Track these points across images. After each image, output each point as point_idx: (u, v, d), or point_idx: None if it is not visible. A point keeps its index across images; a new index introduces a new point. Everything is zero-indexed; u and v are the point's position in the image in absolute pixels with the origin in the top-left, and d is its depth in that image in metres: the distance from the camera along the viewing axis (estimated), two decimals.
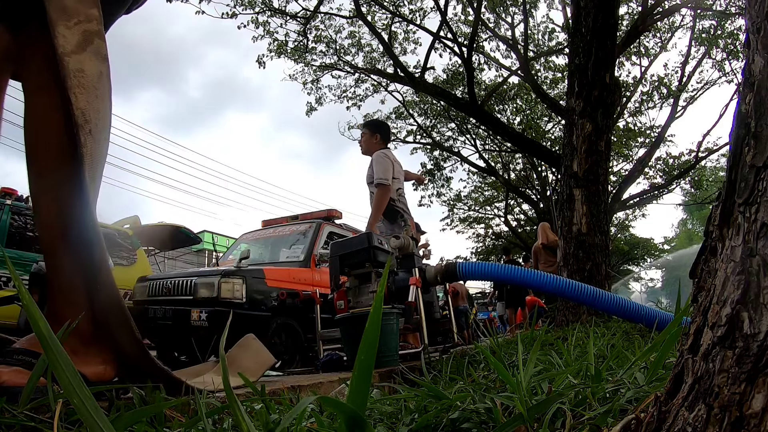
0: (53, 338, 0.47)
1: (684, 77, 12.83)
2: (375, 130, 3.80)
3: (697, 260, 0.61)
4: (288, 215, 6.54)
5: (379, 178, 3.38)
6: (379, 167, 3.42)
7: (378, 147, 3.66)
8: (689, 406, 0.51)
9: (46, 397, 0.76)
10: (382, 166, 3.43)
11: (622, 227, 21.71)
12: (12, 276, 0.50)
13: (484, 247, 21.24)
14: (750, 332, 0.46)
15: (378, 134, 3.75)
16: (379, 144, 3.70)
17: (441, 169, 15.31)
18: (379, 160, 3.46)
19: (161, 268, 13.67)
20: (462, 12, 11.47)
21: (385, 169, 3.43)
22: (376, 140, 3.71)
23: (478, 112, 9.62)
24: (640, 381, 0.87)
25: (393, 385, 1.56)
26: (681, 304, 1.15)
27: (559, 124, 13.07)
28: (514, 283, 6.19)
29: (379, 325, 0.50)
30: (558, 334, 2.61)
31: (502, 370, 0.87)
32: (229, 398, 0.55)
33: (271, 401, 0.98)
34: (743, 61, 0.58)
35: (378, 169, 3.41)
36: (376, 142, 3.70)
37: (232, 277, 4.38)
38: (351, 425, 0.51)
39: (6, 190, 6.04)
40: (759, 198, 0.49)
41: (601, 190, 4.26)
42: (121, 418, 0.66)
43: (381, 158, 3.48)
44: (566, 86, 5.19)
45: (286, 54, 10.60)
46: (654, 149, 13.44)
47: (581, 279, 3.71)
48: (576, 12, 4.66)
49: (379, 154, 3.53)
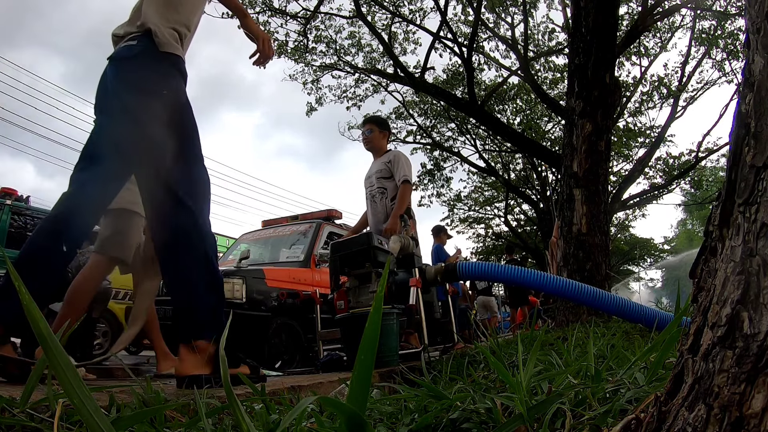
0: (53, 338, 0.47)
1: (684, 77, 12.84)
2: (384, 128, 3.91)
3: (697, 260, 0.61)
4: (288, 215, 6.55)
5: (407, 175, 3.55)
6: (407, 166, 3.60)
7: (386, 144, 3.82)
8: (689, 406, 0.51)
9: (46, 397, 0.76)
10: (409, 166, 3.62)
11: (622, 227, 21.71)
12: (12, 276, 0.50)
13: (484, 247, 21.23)
14: (750, 332, 0.46)
15: (387, 132, 3.90)
16: (386, 141, 3.85)
17: (441, 169, 15.31)
18: (407, 161, 3.64)
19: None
20: (462, 12, 11.47)
21: (411, 168, 3.65)
22: (385, 137, 3.84)
23: (478, 112, 9.62)
24: (640, 381, 0.87)
25: (393, 385, 1.55)
26: (681, 304, 1.15)
27: (559, 124, 13.07)
28: (514, 283, 6.19)
29: (379, 325, 0.50)
30: (558, 334, 2.61)
31: (502, 370, 0.87)
32: (229, 398, 0.55)
33: (271, 401, 0.98)
34: (743, 61, 0.58)
35: (407, 168, 3.59)
36: (384, 139, 3.82)
37: (232, 277, 4.38)
38: (351, 425, 0.51)
39: (6, 190, 6.04)
40: (759, 198, 0.49)
41: (601, 190, 4.26)
42: (122, 418, 0.66)
43: (407, 159, 3.68)
44: (566, 86, 5.19)
45: (286, 54, 10.61)
46: (654, 149, 13.44)
47: (581, 279, 3.71)
48: (576, 12, 4.66)
49: (404, 154, 3.72)
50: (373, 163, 3.77)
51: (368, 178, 3.74)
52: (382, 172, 3.62)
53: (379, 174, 3.62)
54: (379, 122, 3.97)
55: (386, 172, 3.61)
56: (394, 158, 3.64)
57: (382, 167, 3.63)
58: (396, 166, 3.58)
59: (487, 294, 8.89)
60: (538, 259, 15.87)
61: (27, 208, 5.97)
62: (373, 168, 3.72)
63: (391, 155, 3.70)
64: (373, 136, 3.75)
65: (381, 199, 3.60)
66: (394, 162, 3.60)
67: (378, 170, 3.64)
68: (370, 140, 3.75)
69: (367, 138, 3.77)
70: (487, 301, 8.81)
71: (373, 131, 3.76)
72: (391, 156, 3.67)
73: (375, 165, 3.73)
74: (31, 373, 0.78)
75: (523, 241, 17.42)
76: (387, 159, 3.65)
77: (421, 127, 13.92)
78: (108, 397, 0.96)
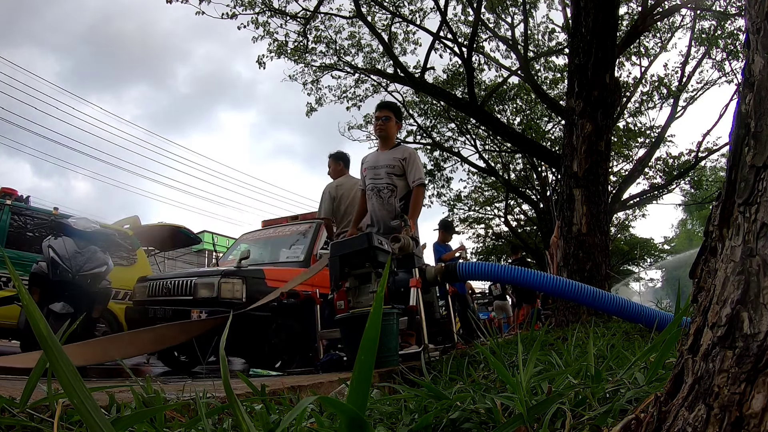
0: (53, 338, 0.47)
1: (684, 77, 12.82)
2: (400, 118, 3.84)
3: (697, 260, 0.61)
4: (288, 215, 6.54)
5: (423, 178, 3.50)
6: (420, 166, 3.53)
7: (396, 135, 3.75)
8: (689, 406, 0.51)
9: (46, 397, 0.76)
10: (421, 166, 3.55)
11: (622, 227, 21.68)
12: (12, 276, 0.50)
13: (484, 248, 21.23)
14: (750, 332, 0.46)
15: (401, 123, 3.86)
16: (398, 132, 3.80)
17: (441, 169, 15.29)
18: (419, 160, 3.56)
19: (161, 268, 13.67)
20: (462, 12, 11.47)
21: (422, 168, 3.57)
22: (398, 128, 3.79)
23: (478, 112, 9.62)
24: (640, 381, 0.87)
25: (393, 385, 1.55)
26: (681, 304, 1.15)
27: (559, 124, 13.06)
28: (514, 283, 6.19)
29: (379, 325, 0.50)
30: (558, 334, 2.61)
31: (502, 370, 0.87)
32: (230, 398, 0.55)
33: (271, 401, 0.98)
34: (743, 61, 0.58)
35: (420, 169, 3.52)
36: (397, 130, 3.76)
37: (232, 277, 4.38)
38: (351, 425, 0.51)
39: (6, 190, 6.04)
40: (759, 198, 0.49)
41: (601, 190, 4.26)
42: (122, 418, 0.66)
43: (419, 158, 3.59)
44: (566, 86, 5.18)
45: (286, 54, 10.60)
46: (654, 149, 13.43)
47: (581, 279, 3.71)
48: (576, 12, 4.66)
49: (417, 153, 3.63)
50: (381, 154, 3.63)
51: (373, 168, 3.59)
52: (395, 168, 3.50)
53: (391, 170, 3.50)
54: (397, 111, 3.83)
55: (399, 169, 3.49)
56: (410, 157, 3.52)
57: (395, 163, 3.50)
58: (411, 167, 3.48)
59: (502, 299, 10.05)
60: (538, 259, 15.87)
61: (27, 208, 5.97)
62: (382, 160, 3.57)
63: (405, 152, 3.57)
64: (389, 124, 3.62)
65: (389, 196, 3.50)
66: (410, 161, 3.49)
67: (389, 165, 3.51)
68: (386, 128, 3.61)
69: (382, 125, 3.62)
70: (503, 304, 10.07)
71: (390, 119, 3.63)
72: (406, 154, 3.55)
73: (384, 156, 3.58)
74: (31, 373, 0.78)
75: (523, 241, 17.40)
76: (401, 155, 3.53)
77: (421, 127, 13.92)
78: (108, 397, 0.96)
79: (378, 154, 3.66)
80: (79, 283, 4.18)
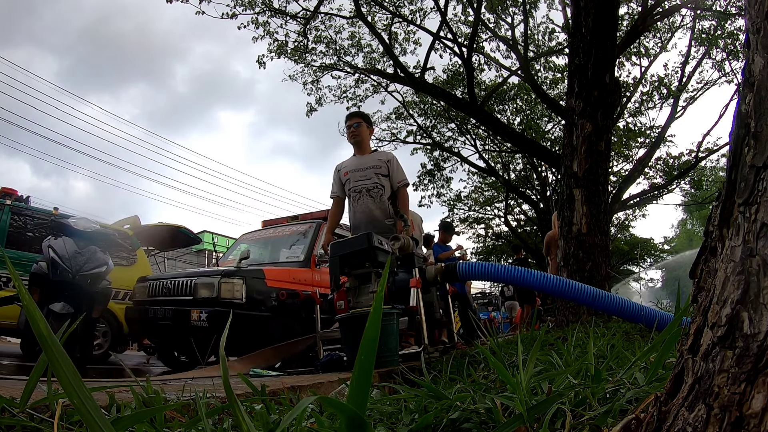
0: (53, 338, 0.47)
1: (684, 77, 12.82)
2: (370, 124, 3.94)
3: (697, 260, 0.61)
4: (288, 215, 6.54)
5: (406, 179, 3.65)
6: (401, 169, 3.67)
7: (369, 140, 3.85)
8: (689, 406, 0.51)
9: (46, 397, 0.76)
10: (402, 169, 3.69)
11: (622, 227, 21.68)
12: (12, 276, 0.50)
13: (484, 248, 21.23)
14: (750, 332, 0.46)
15: (372, 129, 3.93)
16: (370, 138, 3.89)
17: (441, 169, 15.30)
18: (399, 163, 3.69)
19: (161, 268, 13.67)
20: (462, 12, 11.47)
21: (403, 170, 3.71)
22: (371, 133, 3.88)
23: (478, 112, 9.62)
24: (640, 381, 0.87)
25: (393, 385, 1.55)
26: (681, 304, 1.15)
27: (559, 124, 13.07)
28: (514, 283, 6.18)
29: (379, 325, 0.50)
30: (558, 334, 2.61)
31: (502, 370, 0.87)
32: (230, 398, 0.55)
33: (271, 401, 0.98)
34: (743, 61, 0.58)
35: (403, 171, 3.67)
36: (369, 136, 3.86)
37: (232, 277, 4.38)
38: (351, 425, 0.51)
39: (6, 190, 6.04)
40: (759, 198, 0.49)
41: (601, 190, 4.26)
42: (122, 418, 0.66)
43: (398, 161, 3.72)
44: (566, 86, 5.18)
45: (286, 54, 10.60)
46: (654, 149, 13.43)
47: (581, 279, 3.71)
48: (576, 12, 4.66)
49: (395, 156, 3.76)
50: (362, 157, 3.72)
51: (358, 170, 3.67)
52: (381, 169, 3.60)
53: (378, 170, 3.60)
54: (366, 118, 3.98)
55: (385, 170, 3.61)
56: (394, 159, 3.68)
57: (380, 164, 3.61)
58: (395, 169, 3.63)
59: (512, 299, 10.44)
60: (538, 259, 15.87)
61: (27, 208, 5.97)
62: (367, 161, 3.66)
63: (389, 155, 3.74)
64: (361, 130, 3.74)
65: (379, 196, 3.58)
66: (394, 164, 3.64)
67: (375, 165, 3.61)
68: (359, 133, 3.74)
69: (355, 131, 3.75)
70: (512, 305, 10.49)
71: (361, 125, 3.76)
72: (390, 156, 3.71)
73: (368, 159, 3.68)
74: (31, 373, 0.78)
75: (523, 241, 17.39)
76: (384, 158, 3.68)
77: (421, 127, 13.92)
78: (108, 397, 0.96)
79: (358, 158, 3.75)
80: (79, 283, 4.19)
